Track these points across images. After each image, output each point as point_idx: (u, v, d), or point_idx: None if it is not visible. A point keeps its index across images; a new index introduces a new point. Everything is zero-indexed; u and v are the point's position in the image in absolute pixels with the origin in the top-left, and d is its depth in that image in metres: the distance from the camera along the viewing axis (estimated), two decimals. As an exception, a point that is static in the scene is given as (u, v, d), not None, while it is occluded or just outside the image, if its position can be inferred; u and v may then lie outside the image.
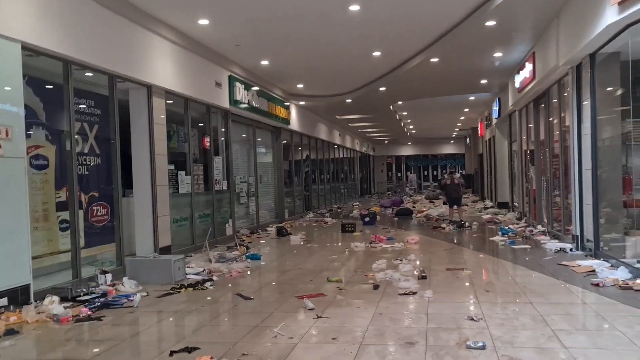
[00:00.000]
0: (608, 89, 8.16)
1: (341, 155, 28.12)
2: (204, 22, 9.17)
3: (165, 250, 9.17)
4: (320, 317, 5.35)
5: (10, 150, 5.87)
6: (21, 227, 6.03)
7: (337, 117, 23.17)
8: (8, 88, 5.91)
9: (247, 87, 13.15)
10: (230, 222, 12.24)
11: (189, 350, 4.44)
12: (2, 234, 5.77)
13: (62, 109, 7.38)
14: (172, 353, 4.39)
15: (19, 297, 5.91)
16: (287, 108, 16.77)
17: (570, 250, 8.84)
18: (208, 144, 11.56)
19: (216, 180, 11.66)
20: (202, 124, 11.57)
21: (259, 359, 4.17)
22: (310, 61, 12.52)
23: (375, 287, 6.73)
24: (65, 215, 7.46)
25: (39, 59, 6.69)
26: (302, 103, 18.13)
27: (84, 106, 7.90)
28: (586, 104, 8.42)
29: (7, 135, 5.81)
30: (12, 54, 5.95)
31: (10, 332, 5.14)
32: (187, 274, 7.75)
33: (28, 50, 6.29)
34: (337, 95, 16.97)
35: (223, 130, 12.36)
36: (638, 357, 3.97)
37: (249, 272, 8.26)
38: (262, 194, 15.19)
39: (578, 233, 8.86)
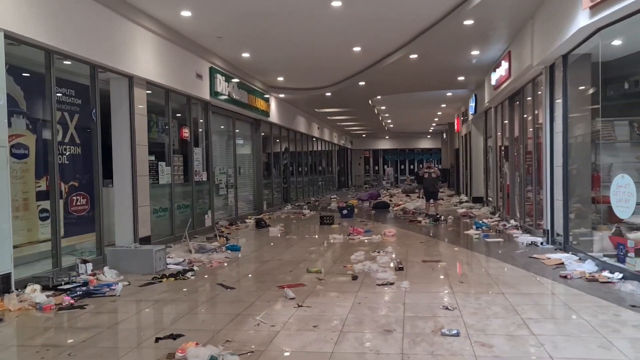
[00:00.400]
0: (579, 88, 8.45)
1: (319, 148, 28.26)
2: (186, 13, 9.19)
3: (145, 240, 9.21)
4: (301, 306, 5.52)
5: (-7, 139, 5.87)
6: (2, 216, 6.04)
7: (316, 110, 23.29)
8: (-9, 76, 5.90)
9: (228, 79, 13.18)
10: (209, 213, 12.31)
11: (174, 337, 4.56)
12: (-16, 222, 5.78)
13: (43, 98, 7.38)
14: (157, 340, 4.51)
15: (0, 285, 5.92)
16: (267, 100, 16.83)
17: (541, 244, 9.16)
18: (187, 135, 11.59)
19: (196, 171, 11.70)
20: (182, 115, 11.58)
21: (242, 345, 4.31)
22: (291, 54, 12.61)
23: (354, 277, 6.91)
24: (46, 204, 7.46)
25: (20, 47, 6.67)
26: (282, 96, 18.21)
27: (65, 95, 7.88)
28: (558, 102, 8.72)
29: (-11, 123, 5.81)
30: (-6, 43, 5.94)
31: (-6, 319, 5.18)
32: (167, 264, 7.84)
33: (10, 39, 6.27)
34: (317, 89, 17.09)
35: (203, 121, 12.39)
36: (600, 343, 4.23)
37: (227, 264, 8.36)
38: (241, 185, 15.26)
39: (549, 227, 9.18)
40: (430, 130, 37.19)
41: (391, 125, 32.81)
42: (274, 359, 4.06)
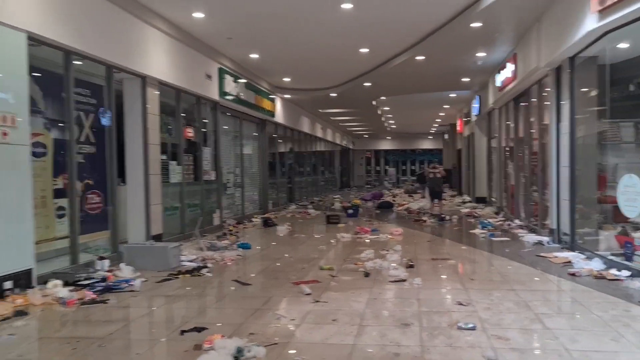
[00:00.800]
0: (586, 90, 8.61)
1: (322, 148, 28.43)
2: (198, 15, 9.34)
3: (157, 238, 9.35)
4: (318, 301, 5.65)
5: (16, 138, 6.01)
6: (25, 213, 6.20)
7: (319, 110, 23.46)
8: (14, 77, 6.05)
9: (236, 80, 13.34)
10: (217, 212, 12.46)
11: (198, 329, 4.70)
12: (8, 218, 5.93)
13: (60, 98, 7.51)
14: (182, 332, 4.65)
15: (22, 280, 6.06)
16: (273, 101, 17.00)
17: (548, 243, 9.30)
18: (197, 134, 11.73)
19: (205, 170, 11.85)
20: (191, 115, 11.73)
21: (266, 338, 4.44)
22: (298, 55, 12.77)
23: (366, 274, 7.05)
24: (62, 202, 7.60)
25: (39, 48, 6.80)
26: (287, 96, 18.37)
27: (80, 95, 8.01)
28: (565, 103, 8.87)
29: (13, 123, 5.96)
30: (17, 44, 6.09)
31: (20, 313, 5.31)
32: (181, 261, 7.97)
33: (31, 40, 6.40)
34: (322, 89, 17.26)
35: (212, 121, 12.55)
36: (612, 337, 4.38)
37: (239, 261, 8.48)
38: (247, 185, 15.42)
39: (555, 227, 9.33)
40: (432, 131, 37.37)
41: (393, 126, 32.99)
42: (298, 350, 4.20)
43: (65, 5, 6.94)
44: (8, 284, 5.82)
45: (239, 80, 13.63)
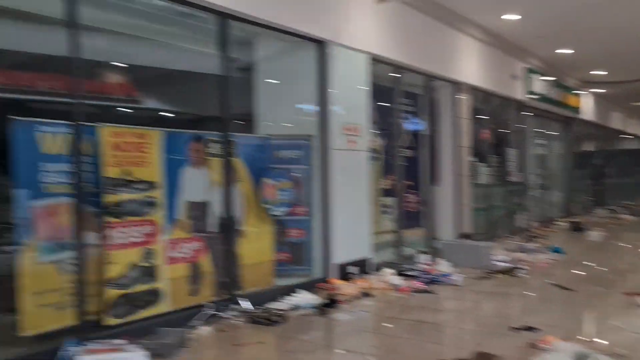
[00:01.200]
0: None
1: (636, 147, 25.09)
2: (511, 17, 9.36)
3: (466, 237, 9.73)
4: (662, 317, 5.21)
5: (361, 145, 7.11)
6: (365, 209, 7.26)
7: (631, 103, 20.76)
8: (360, 92, 7.16)
9: (541, 78, 12.91)
10: (522, 214, 12.28)
11: (529, 329, 4.83)
12: (355, 214, 7.03)
13: (386, 107, 8.46)
14: (513, 329, 4.85)
15: (362, 267, 7.10)
16: (578, 96, 15.86)
17: None
18: (500, 136, 11.78)
19: (510, 172, 11.83)
20: (496, 116, 11.81)
21: (603, 347, 4.30)
22: (617, 45, 11.61)
23: None
24: (387, 200, 8.57)
25: (374, 66, 7.82)
26: (597, 90, 16.87)
27: (403, 105, 8.88)
28: None
29: (359, 132, 7.06)
30: (363, 65, 7.18)
31: (365, 294, 6.26)
32: (494, 261, 8.16)
33: (373, 60, 7.43)
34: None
35: (516, 122, 12.42)
36: None
37: (552, 265, 8.23)
38: (550, 186, 14.76)
39: None
40: None
41: None
42: (648, 365, 4.00)
43: (396, 27, 7.83)
44: (354, 269, 6.90)
45: (545, 78, 13.15)
